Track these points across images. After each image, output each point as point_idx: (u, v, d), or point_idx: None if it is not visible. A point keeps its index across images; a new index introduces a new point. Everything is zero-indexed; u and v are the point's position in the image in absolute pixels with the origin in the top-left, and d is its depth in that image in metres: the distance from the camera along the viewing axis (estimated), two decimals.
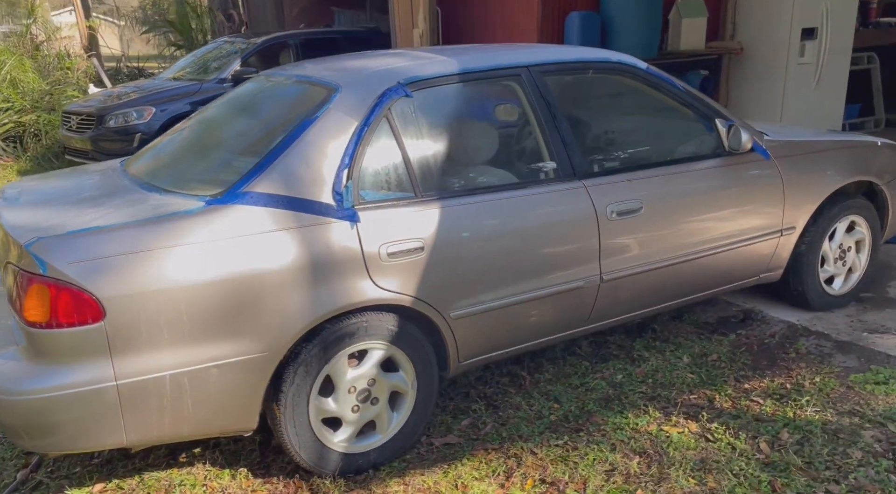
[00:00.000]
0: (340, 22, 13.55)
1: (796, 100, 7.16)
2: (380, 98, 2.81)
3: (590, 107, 3.48)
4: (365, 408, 2.80)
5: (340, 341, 2.67)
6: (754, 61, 7.62)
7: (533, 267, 3.01)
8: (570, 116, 3.22)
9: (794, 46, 7.18)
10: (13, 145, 10.84)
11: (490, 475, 2.80)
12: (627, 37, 7.05)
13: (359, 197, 2.70)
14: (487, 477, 2.79)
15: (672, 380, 3.39)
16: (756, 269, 3.72)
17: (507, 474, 2.80)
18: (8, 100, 11.20)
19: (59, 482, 2.86)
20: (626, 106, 3.59)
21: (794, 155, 3.67)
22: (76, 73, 13.79)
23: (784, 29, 7.19)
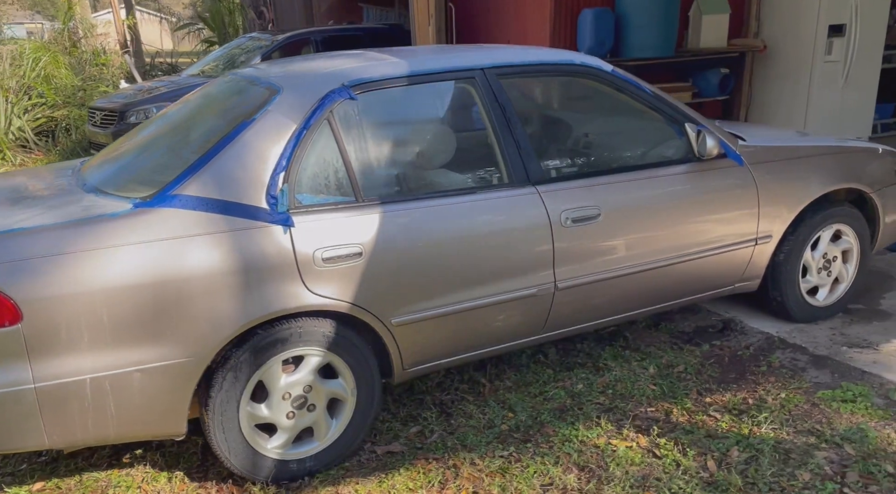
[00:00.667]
0: (369, 18, 13.55)
1: (823, 100, 6.92)
2: (321, 100, 2.76)
3: (550, 111, 3.39)
4: (301, 415, 2.76)
5: (272, 347, 2.63)
6: (779, 59, 7.38)
7: (482, 274, 2.93)
8: (528, 120, 3.14)
9: (820, 43, 6.93)
10: (45, 139, 11.09)
11: (425, 485, 2.74)
12: (642, 34, 6.89)
13: (295, 201, 2.65)
14: (421, 488, 2.73)
15: (632, 392, 3.28)
16: (729, 279, 3.58)
17: (441, 485, 2.74)
18: (41, 95, 11.45)
19: (1, 479, 2.87)
20: (590, 109, 3.49)
21: (771, 161, 3.52)
22: (111, 69, 14.06)
23: (810, 25, 6.95)
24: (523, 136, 3.04)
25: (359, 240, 2.70)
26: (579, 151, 3.30)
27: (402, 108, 3.01)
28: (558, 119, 3.40)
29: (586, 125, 3.43)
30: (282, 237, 2.59)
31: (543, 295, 3.07)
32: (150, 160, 2.91)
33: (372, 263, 2.72)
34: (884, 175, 3.88)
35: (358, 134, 2.84)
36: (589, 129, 3.40)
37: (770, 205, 3.50)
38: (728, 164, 3.41)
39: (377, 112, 2.91)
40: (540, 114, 3.33)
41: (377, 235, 2.73)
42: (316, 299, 2.65)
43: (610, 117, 3.48)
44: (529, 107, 3.24)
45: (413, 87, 2.96)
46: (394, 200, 2.81)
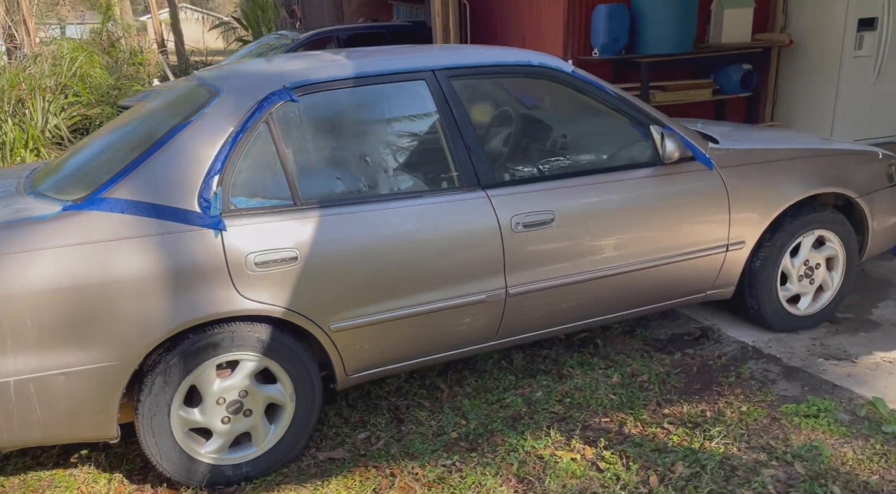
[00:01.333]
0: (399, 15, 13.52)
1: (852, 96, 6.67)
2: (260, 102, 2.72)
3: (506, 113, 3.28)
4: (237, 420, 2.73)
5: (204, 352, 2.61)
6: (806, 54, 7.15)
7: (427, 280, 2.86)
8: (482, 123, 3.05)
9: (849, 38, 6.68)
10: (80, 137, 11.31)
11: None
12: (659, 30, 6.73)
13: (229, 204, 2.62)
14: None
15: (590, 401, 3.18)
16: (700, 286, 3.44)
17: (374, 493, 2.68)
18: (77, 94, 11.69)
19: None
20: (549, 112, 3.38)
21: (743, 164, 3.37)
22: (147, 68, 14.31)
23: (839, 19, 6.71)
24: (474, 139, 2.95)
25: (294, 245, 2.65)
26: (535, 154, 3.20)
27: (347, 111, 2.94)
28: (514, 121, 3.30)
29: (544, 128, 3.33)
30: (213, 241, 2.56)
31: (494, 301, 2.99)
32: (94, 162, 2.91)
33: (308, 268, 2.67)
34: (871, 179, 3.69)
35: (299, 137, 2.80)
36: (547, 132, 3.30)
37: (742, 210, 3.35)
38: (696, 168, 3.27)
39: (320, 114, 2.86)
40: (495, 116, 3.23)
41: (314, 239, 2.68)
42: (248, 304, 2.61)
43: (570, 120, 3.38)
44: (484, 109, 3.15)
45: (359, 89, 2.90)
46: (334, 204, 2.76)
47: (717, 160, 3.31)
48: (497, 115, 3.24)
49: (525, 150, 3.22)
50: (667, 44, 6.77)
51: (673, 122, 3.29)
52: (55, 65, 12.32)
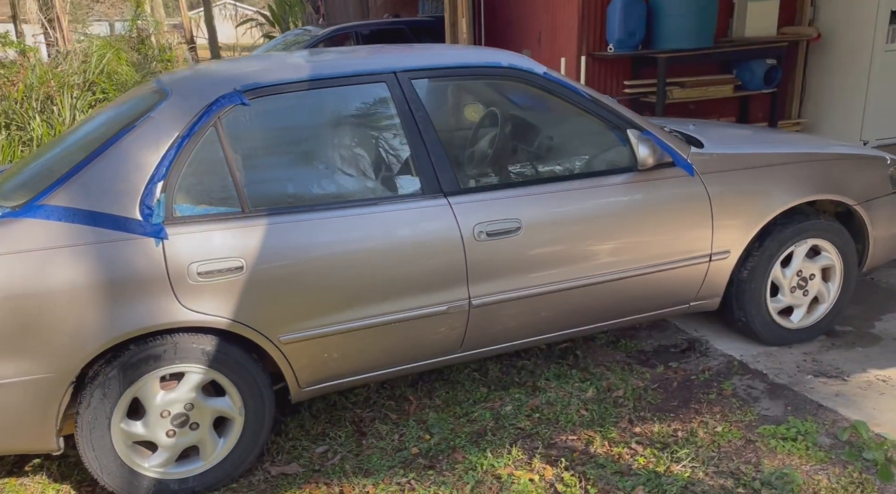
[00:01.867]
0: (424, 10, 13.40)
1: (883, 92, 6.39)
2: (209, 106, 2.62)
3: (473, 117, 3.14)
4: (183, 433, 2.64)
5: (144, 364, 2.52)
6: (835, 48, 6.88)
7: (384, 290, 2.74)
8: (447, 127, 2.91)
9: (881, 31, 6.40)
10: None
11: None
12: (677, 23, 6.50)
13: (173, 212, 2.53)
14: None
15: (559, 416, 3.03)
16: (681, 297, 3.26)
17: None
18: (104, 91, 11.80)
19: None
20: (519, 115, 3.22)
21: (728, 170, 3.18)
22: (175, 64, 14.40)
23: (870, 11, 6.42)
24: (436, 145, 2.82)
25: (240, 254, 2.55)
26: (504, 160, 3.05)
27: (301, 115, 2.84)
28: (482, 126, 3.16)
29: (514, 132, 3.18)
30: (153, 250, 2.47)
31: (456, 312, 2.86)
32: (42, 168, 2.84)
33: (255, 278, 2.57)
34: (872, 185, 3.47)
35: (250, 142, 2.70)
36: (517, 137, 3.14)
37: (726, 218, 3.16)
38: (676, 174, 3.09)
39: (273, 118, 2.76)
40: (461, 120, 3.09)
41: (262, 249, 2.58)
42: (191, 315, 2.52)
43: (541, 124, 3.22)
44: (449, 113, 3.01)
45: (315, 92, 2.78)
46: (284, 212, 2.65)
47: (699, 166, 3.13)
48: (462, 119, 3.10)
49: (493, 156, 3.08)
50: (686, 38, 6.53)
51: (653, 126, 3.11)
52: (84, 61, 12.45)
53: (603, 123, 3.07)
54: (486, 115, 3.18)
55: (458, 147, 3.01)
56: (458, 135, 3.04)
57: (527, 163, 3.06)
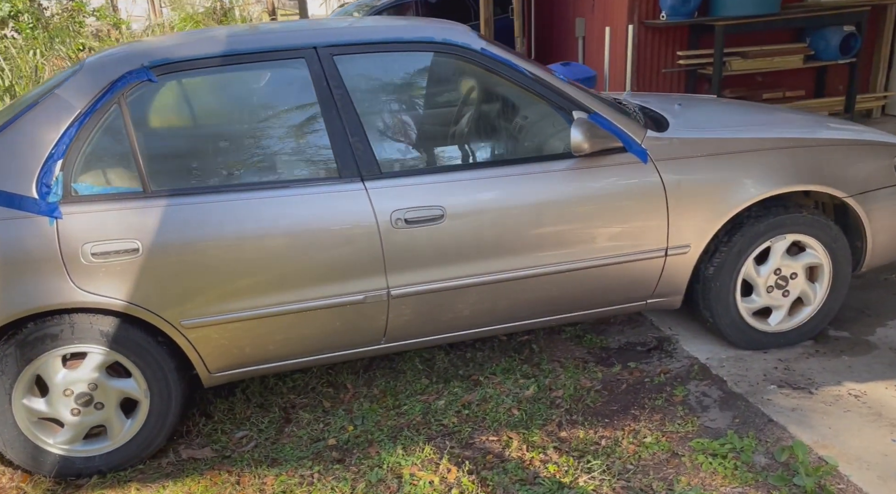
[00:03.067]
0: None
1: None
2: (114, 83, 2.53)
3: (400, 96, 2.93)
4: (88, 412, 2.61)
5: (42, 343, 2.50)
6: None
7: (293, 277, 2.61)
8: (371, 107, 2.74)
9: None
10: None
11: None
12: None
13: (71, 190, 2.47)
14: None
15: (488, 415, 2.84)
16: (634, 294, 2.98)
17: None
18: None
19: None
20: (453, 95, 2.99)
21: (690, 157, 2.86)
22: None
23: None
24: (356, 125, 2.64)
25: (137, 235, 2.48)
26: (431, 143, 2.84)
27: (212, 92, 2.73)
28: (410, 106, 2.95)
29: (445, 113, 2.94)
30: (47, 229, 2.42)
31: (375, 302, 2.70)
32: None
33: (153, 260, 2.49)
34: (871, 175, 3.05)
35: (155, 119, 2.61)
36: (448, 118, 2.91)
37: (685, 210, 2.85)
38: (627, 160, 2.80)
39: (182, 96, 2.66)
40: (387, 99, 2.89)
41: (161, 230, 2.50)
42: (85, 296, 2.46)
43: (476, 104, 2.97)
44: (374, 91, 2.82)
45: (229, 69, 2.66)
46: (188, 193, 2.55)
47: (654, 152, 2.82)
48: (388, 98, 2.89)
49: (418, 138, 2.87)
50: (747, 3, 6.04)
51: (605, 107, 2.82)
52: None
53: (547, 104, 2.81)
54: (417, 95, 2.97)
55: (384, 128, 2.81)
56: (384, 115, 2.85)
57: (458, 146, 2.83)
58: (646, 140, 2.84)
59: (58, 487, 2.64)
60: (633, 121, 2.87)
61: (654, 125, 3.01)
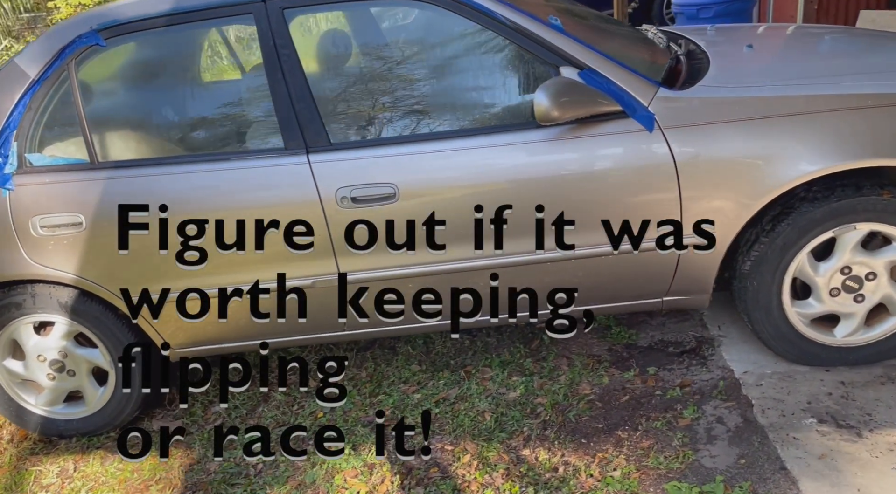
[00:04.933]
0: None
1: None
2: (63, 48, 2.40)
3: (357, 55, 2.50)
4: (62, 378, 2.62)
5: (8, 310, 2.53)
6: None
7: (238, 257, 2.36)
8: (323, 67, 2.37)
9: None
10: None
11: (135, 471, 2.42)
12: None
13: (25, 161, 2.40)
14: (134, 473, 2.41)
15: (457, 416, 2.47)
16: (642, 289, 2.40)
17: (146, 482, 2.39)
18: None
19: None
20: (416, 51, 2.48)
21: (716, 122, 2.17)
22: None
23: None
24: (302, 90, 2.30)
25: (80, 209, 2.36)
26: (391, 109, 2.40)
27: (158, 56, 2.49)
28: (369, 66, 2.50)
29: (408, 73, 2.45)
30: (1, 201, 2.36)
31: (325, 287, 2.38)
32: None
33: (96, 235, 2.37)
34: None
35: (102, 87, 2.46)
36: (411, 79, 2.42)
37: (703, 191, 2.20)
38: (626, 128, 2.19)
39: (128, 60, 2.47)
40: (342, 59, 2.48)
41: (102, 204, 2.36)
42: (37, 268, 2.42)
43: (444, 62, 2.45)
44: (325, 49, 2.42)
45: (176, 29, 2.40)
46: (130, 165, 2.38)
47: (665, 116, 2.18)
48: (343, 58, 2.48)
49: (375, 103, 2.43)
50: None
51: (604, 61, 2.21)
52: None
53: (530, 59, 2.26)
54: (377, 53, 2.51)
55: (337, 92, 2.41)
56: (338, 78, 2.45)
57: (420, 113, 2.37)
58: (655, 101, 2.20)
59: (37, 445, 2.69)
60: (639, 78, 2.22)
61: (683, 78, 2.34)
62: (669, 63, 2.45)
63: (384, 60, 2.45)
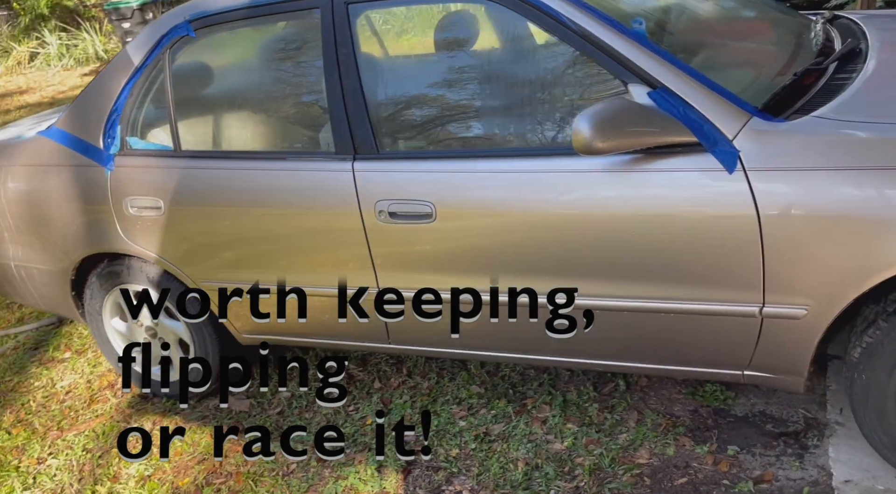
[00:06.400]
0: None
1: None
2: (161, 38, 2.46)
3: (422, 57, 2.20)
4: (156, 343, 2.77)
5: (111, 278, 2.71)
6: None
7: (292, 258, 2.32)
8: (385, 69, 2.17)
9: None
10: None
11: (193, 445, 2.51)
12: None
13: (126, 144, 2.53)
14: (190, 448, 2.51)
15: (490, 457, 2.23)
16: (717, 357, 1.94)
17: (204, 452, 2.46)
18: None
19: None
20: (480, 56, 2.11)
21: (825, 168, 1.63)
22: None
23: None
24: (356, 92, 2.12)
25: (161, 194, 2.44)
26: (437, 119, 2.11)
27: (235, 49, 2.44)
28: (433, 69, 2.18)
29: (461, 79, 2.09)
30: (104, 179, 2.53)
31: (365, 299, 2.24)
32: None
33: (170, 220, 2.45)
34: None
35: (189, 77, 2.48)
36: (463, 86, 2.08)
37: (796, 252, 1.68)
38: (703, 166, 1.73)
39: (212, 52, 2.46)
40: (406, 61, 2.20)
41: (177, 192, 2.43)
42: (128, 245, 2.56)
43: (503, 68, 2.06)
44: (390, 50, 2.18)
45: (252, 22, 2.34)
46: (202, 156, 2.41)
47: (754, 154, 1.68)
48: (407, 59, 2.21)
49: (426, 112, 2.13)
50: None
51: (686, 80, 1.75)
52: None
53: (599, 71, 1.85)
54: (441, 56, 2.19)
55: (392, 98, 2.16)
56: (396, 80, 2.18)
57: (469, 127, 2.05)
58: (744, 133, 1.69)
59: (134, 399, 2.88)
60: (727, 102, 1.72)
61: (802, 103, 1.78)
62: (789, 80, 1.87)
63: (452, 62, 2.17)
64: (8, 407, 2.98)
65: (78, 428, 2.75)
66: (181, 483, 2.38)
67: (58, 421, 2.82)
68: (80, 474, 2.50)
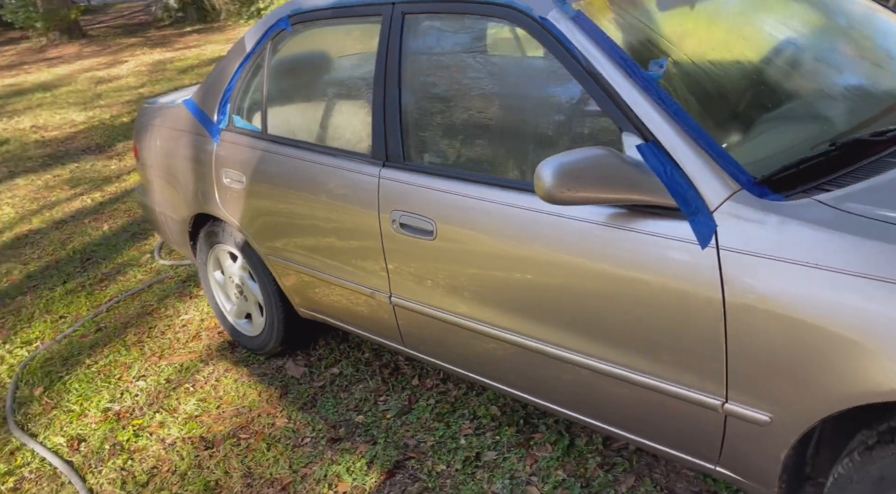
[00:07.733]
0: None
1: None
2: (268, 29, 2.68)
3: (456, 69, 2.10)
4: (241, 300, 3.07)
5: (211, 237, 3.04)
6: None
7: (327, 246, 2.45)
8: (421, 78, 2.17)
9: None
10: None
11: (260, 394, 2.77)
12: None
13: (232, 121, 2.81)
14: (254, 397, 2.77)
15: (472, 484, 2.18)
16: (685, 443, 1.72)
17: (267, 406, 2.72)
18: None
19: None
20: (499, 73, 1.97)
21: (809, 264, 1.38)
22: None
23: None
24: (393, 98, 2.16)
25: (245, 170, 2.68)
26: (452, 135, 2.05)
27: (319, 45, 2.54)
28: (465, 82, 2.07)
29: (489, 94, 1.96)
30: (211, 149, 2.83)
31: (381, 301, 2.32)
32: None
33: (248, 196, 2.69)
34: None
35: (282, 67, 2.66)
36: (474, 105, 1.96)
37: (759, 351, 1.45)
38: (676, 234, 1.54)
39: (302, 46, 2.59)
40: (441, 71, 2.13)
41: (256, 170, 2.66)
42: (221, 211, 2.85)
43: (521, 90, 1.89)
44: (429, 61, 2.13)
45: (333, 22, 2.45)
46: (279, 141, 2.59)
47: (731, 232, 1.46)
48: (444, 71, 2.14)
49: (454, 122, 2.05)
50: None
51: (681, 136, 1.55)
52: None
53: (601, 109, 1.70)
54: (475, 71, 2.07)
55: (427, 107, 2.12)
56: (434, 90, 2.11)
57: (481, 148, 1.95)
58: (727, 206, 1.46)
59: (224, 343, 3.21)
60: (719, 167, 1.49)
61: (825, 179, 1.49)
62: (824, 149, 1.56)
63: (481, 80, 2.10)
64: (138, 326, 3.48)
65: (171, 359, 3.15)
66: (216, 428, 2.64)
67: (163, 349, 3.25)
68: (152, 400, 2.88)
